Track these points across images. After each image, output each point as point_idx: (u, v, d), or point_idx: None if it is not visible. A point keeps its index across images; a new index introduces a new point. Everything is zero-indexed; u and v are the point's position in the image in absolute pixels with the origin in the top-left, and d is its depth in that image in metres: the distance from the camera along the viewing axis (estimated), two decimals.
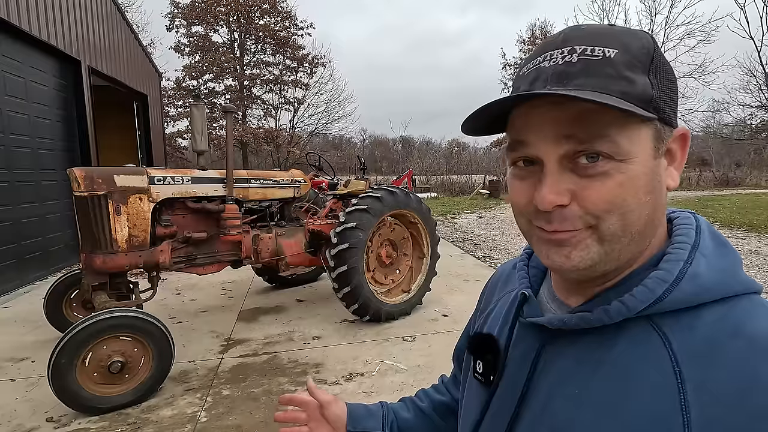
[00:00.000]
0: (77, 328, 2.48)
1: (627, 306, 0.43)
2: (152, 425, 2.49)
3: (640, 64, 0.42)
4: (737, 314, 0.41)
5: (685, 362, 0.39)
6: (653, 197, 0.43)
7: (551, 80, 0.43)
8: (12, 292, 5.14)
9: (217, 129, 22.07)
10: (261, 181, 3.84)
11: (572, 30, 0.45)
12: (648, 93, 0.42)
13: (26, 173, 5.58)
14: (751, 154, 30.28)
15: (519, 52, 31.27)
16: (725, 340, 0.39)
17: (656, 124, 0.43)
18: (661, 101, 0.43)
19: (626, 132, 0.41)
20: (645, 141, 0.42)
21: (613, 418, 0.41)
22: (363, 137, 44.75)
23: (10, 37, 5.31)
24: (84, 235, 3.07)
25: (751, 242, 8.04)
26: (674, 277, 0.42)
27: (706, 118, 25.08)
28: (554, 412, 0.46)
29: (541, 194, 0.43)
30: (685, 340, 0.41)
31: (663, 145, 0.44)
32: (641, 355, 0.42)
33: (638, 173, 0.42)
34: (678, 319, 0.42)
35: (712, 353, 0.39)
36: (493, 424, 0.54)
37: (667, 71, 0.44)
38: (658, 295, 0.42)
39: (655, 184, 0.43)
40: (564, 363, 0.48)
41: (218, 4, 21.74)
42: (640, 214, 0.42)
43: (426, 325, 3.95)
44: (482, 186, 20.48)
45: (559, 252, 0.45)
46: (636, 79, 0.42)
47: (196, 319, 4.20)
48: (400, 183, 10.68)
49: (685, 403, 0.38)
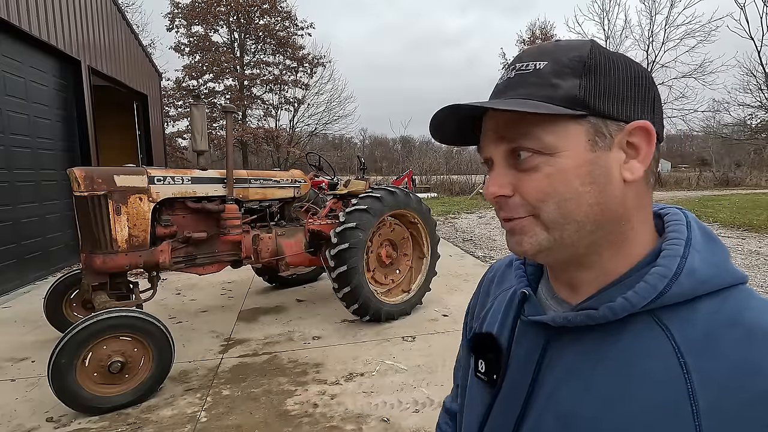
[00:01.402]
0: (77, 328, 2.48)
1: (630, 302, 0.44)
2: (152, 425, 2.49)
3: (570, 71, 0.46)
4: (731, 305, 0.43)
5: (689, 353, 0.41)
6: (596, 188, 0.46)
7: (495, 94, 0.51)
8: (12, 292, 5.14)
9: (217, 129, 22.07)
10: (261, 181, 3.84)
11: (527, 49, 0.52)
12: (572, 94, 0.45)
13: (26, 173, 5.58)
14: (751, 154, 30.28)
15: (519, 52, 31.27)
16: (723, 330, 0.41)
17: (590, 120, 0.46)
18: (594, 99, 0.46)
19: (552, 129, 0.46)
20: (575, 136, 0.46)
21: (618, 409, 0.43)
22: (363, 137, 44.80)
23: (10, 37, 5.31)
24: (84, 235, 3.07)
25: (751, 242, 8.04)
26: (673, 272, 0.44)
27: (706, 118, 25.12)
28: (559, 401, 0.48)
29: (486, 188, 0.51)
30: (686, 332, 0.43)
31: (606, 138, 0.46)
32: (645, 348, 0.44)
33: (567, 166, 0.46)
34: (677, 312, 0.44)
35: (712, 343, 0.41)
36: (498, 423, 0.54)
37: (608, 71, 0.46)
38: (660, 290, 0.43)
39: (596, 175, 0.46)
40: (569, 359, 0.49)
41: (218, 4, 21.74)
42: (578, 203, 0.46)
43: (426, 325, 3.95)
44: (482, 186, 20.45)
45: (513, 239, 0.51)
46: (561, 84, 0.46)
47: (196, 319, 4.20)
48: (400, 183, 10.69)
49: (692, 393, 0.40)
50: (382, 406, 2.66)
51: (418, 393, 2.80)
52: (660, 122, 0.50)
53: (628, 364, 0.44)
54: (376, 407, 2.65)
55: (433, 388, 2.85)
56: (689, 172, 28.72)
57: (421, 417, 2.54)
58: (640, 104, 0.47)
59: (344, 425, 2.47)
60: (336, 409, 2.64)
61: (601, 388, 0.45)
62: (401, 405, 2.67)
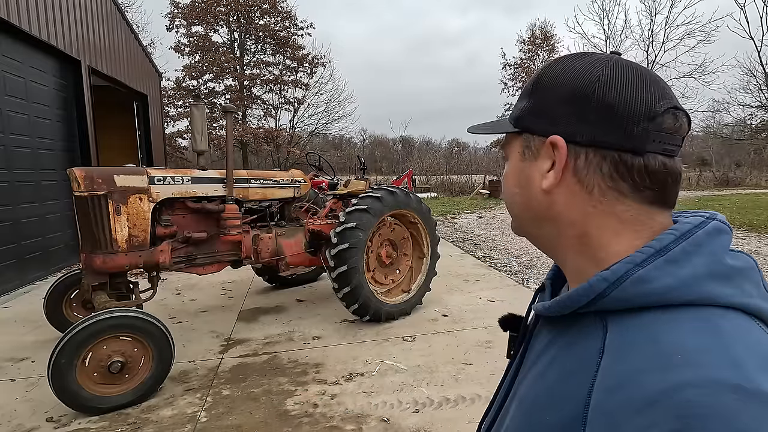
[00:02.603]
0: (77, 328, 2.48)
1: (570, 298, 0.48)
2: (152, 425, 2.49)
3: (526, 92, 0.55)
4: (667, 322, 0.42)
5: (608, 353, 0.43)
6: (522, 190, 0.55)
7: None
8: (12, 292, 5.14)
9: (217, 129, 22.07)
10: (261, 181, 3.84)
11: None
12: (515, 114, 0.56)
13: (26, 173, 5.58)
14: (751, 154, 30.25)
15: (519, 52, 31.29)
16: (643, 342, 0.41)
17: (524, 136, 0.55)
18: (527, 118, 0.54)
19: (508, 142, 0.58)
20: (514, 148, 0.57)
21: (549, 395, 0.47)
22: (363, 137, 44.72)
23: (10, 37, 5.31)
24: (84, 235, 3.07)
25: (751, 242, 8.04)
26: (617, 277, 0.44)
27: (706, 118, 25.08)
28: (523, 385, 0.54)
29: None
30: (616, 336, 0.44)
31: (531, 150, 0.54)
32: (584, 344, 0.46)
33: (509, 170, 0.58)
34: (624, 317, 0.44)
35: (628, 350, 0.42)
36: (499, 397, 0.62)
37: (546, 92, 0.52)
38: (598, 292, 0.45)
39: (521, 180, 0.55)
40: (540, 345, 0.55)
41: (218, 4, 21.74)
42: (513, 201, 0.57)
43: (426, 325, 3.95)
44: (482, 186, 20.46)
45: None
46: (518, 104, 0.56)
47: (196, 319, 4.20)
48: (400, 183, 10.68)
49: (591, 388, 0.42)
50: (382, 406, 2.66)
51: (418, 393, 2.80)
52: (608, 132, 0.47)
53: (568, 355, 0.48)
54: (376, 407, 2.65)
55: (433, 388, 2.85)
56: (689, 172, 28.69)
57: (421, 417, 2.54)
58: (571, 119, 0.49)
59: (344, 425, 2.47)
60: (336, 409, 2.64)
61: (550, 373, 0.49)
62: (401, 405, 2.67)
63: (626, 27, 33.35)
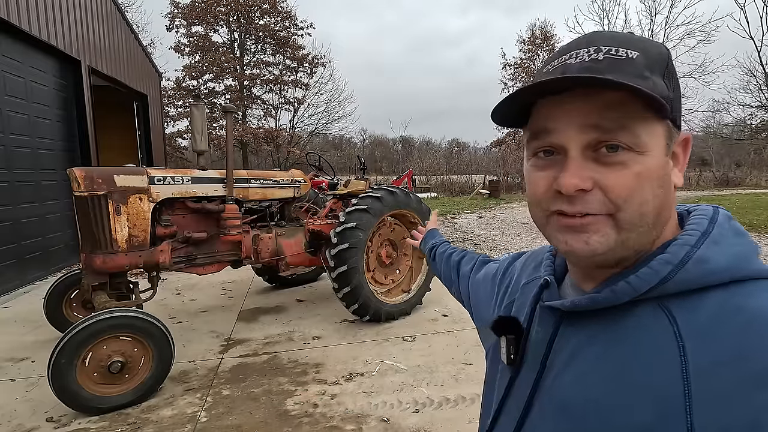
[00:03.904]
0: (77, 328, 2.48)
1: (632, 285, 0.45)
2: (152, 425, 2.49)
3: (657, 67, 0.46)
4: (742, 295, 0.42)
5: (689, 337, 0.41)
6: (664, 191, 0.46)
7: (580, 73, 0.46)
8: (12, 292, 5.14)
9: (217, 129, 22.06)
10: (261, 181, 3.84)
11: (595, 33, 0.49)
12: (666, 93, 0.45)
13: (26, 173, 5.58)
14: (751, 154, 30.24)
15: (519, 52, 31.32)
16: (728, 316, 0.41)
17: (668, 124, 0.46)
18: (674, 104, 0.46)
19: (646, 126, 0.44)
20: (659, 137, 0.46)
21: (616, 391, 0.43)
22: (363, 137, 44.72)
23: (10, 37, 5.31)
24: (84, 235, 3.07)
25: None
26: (679, 259, 0.44)
27: (706, 118, 25.09)
28: (564, 388, 0.49)
29: (566, 178, 0.45)
30: (690, 318, 0.42)
31: (672, 144, 0.47)
32: (648, 333, 0.44)
33: (653, 166, 0.45)
34: (686, 300, 0.44)
35: (714, 328, 0.41)
36: (514, 403, 0.56)
37: (676, 79, 0.48)
38: (663, 276, 0.44)
39: (666, 179, 0.47)
40: (576, 343, 0.50)
41: (218, 4, 21.73)
42: (654, 205, 0.46)
43: (426, 325, 3.95)
44: (482, 186, 20.47)
45: (578, 238, 0.47)
46: (655, 79, 0.45)
47: (196, 319, 4.20)
48: (400, 183, 10.67)
49: (686, 374, 0.40)
50: (382, 406, 2.66)
51: (418, 393, 2.80)
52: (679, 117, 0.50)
53: (629, 348, 0.44)
54: (376, 407, 2.65)
55: (433, 388, 2.85)
56: (689, 172, 28.70)
57: (421, 417, 2.54)
58: (681, 112, 0.49)
59: (344, 425, 2.47)
60: (336, 409, 2.64)
61: (601, 371, 0.45)
62: (401, 405, 2.67)
63: (626, 27, 33.33)
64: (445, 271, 1.07)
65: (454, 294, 1.03)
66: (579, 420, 0.45)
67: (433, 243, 1.23)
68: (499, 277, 0.77)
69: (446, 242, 1.20)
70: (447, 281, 1.06)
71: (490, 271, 0.84)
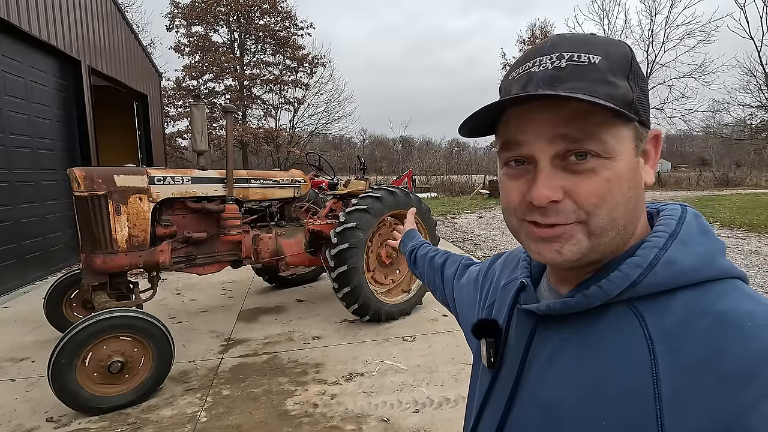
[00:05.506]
0: (77, 328, 2.48)
1: (604, 289, 0.46)
2: (152, 425, 2.49)
3: (621, 70, 0.46)
4: (710, 295, 0.43)
5: (659, 340, 0.42)
6: (634, 193, 0.47)
7: (543, 83, 0.46)
8: (12, 292, 5.14)
9: (217, 129, 22.07)
10: (261, 181, 3.83)
11: (558, 38, 0.48)
12: (629, 96, 0.46)
13: (26, 173, 5.58)
14: (751, 154, 30.27)
15: (519, 52, 31.29)
16: (695, 318, 0.41)
17: (636, 125, 0.47)
18: (640, 104, 0.47)
19: (613, 132, 0.45)
20: (627, 140, 0.46)
21: (593, 397, 0.44)
22: (363, 137, 44.78)
23: (10, 37, 5.31)
24: (84, 235, 3.07)
25: (751, 242, 8.03)
26: (648, 262, 0.44)
27: (706, 118, 25.09)
28: (543, 391, 0.49)
29: (537, 190, 0.46)
30: (659, 320, 0.43)
31: (642, 144, 0.48)
32: (620, 336, 0.45)
33: (623, 170, 0.45)
34: (655, 302, 0.44)
35: (682, 330, 0.41)
36: (495, 405, 0.57)
37: (641, 77, 0.48)
38: (633, 279, 0.44)
39: (636, 180, 0.47)
40: (552, 346, 0.51)
41: (218, 4, 21.74)
42: (625, 208, 0.46)
43: (426, 325, 3.95)
44: (482, 186, 20.47)
45: (550, 247, 0.47)
46: (618, 83, 0.45)
47: (196, 319, 4.20)
48: (400, 183, 10.68)
49: (656, 377, 0.40)
50: (382, 406, 2.66)
51: (418, 393, 2.80)
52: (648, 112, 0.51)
53: (602, 351, 0.45)
54: (376, 407, 2.65)
55: (433, 388, 2.85)
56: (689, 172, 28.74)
57: (421, 417, 2.54)
58: (649, 110, 0.49)
59: (344, 425, 2.47)
60: (336, 409, 2.64)
61: (578, 374, 0.46)
62: (401, 405, 2.67)
63: (626, 27, 33.34)
64: (429, 274, 1.04)
65: (438, 298, 1.01)
66: (558, 422, 0.46)
67: (412, 245, 1.18)
68: (481, 279, 0.78)
69: (426, 243, 1.17)
70: (431, 285, 1.04)
71: (472, 275, 0.84)
